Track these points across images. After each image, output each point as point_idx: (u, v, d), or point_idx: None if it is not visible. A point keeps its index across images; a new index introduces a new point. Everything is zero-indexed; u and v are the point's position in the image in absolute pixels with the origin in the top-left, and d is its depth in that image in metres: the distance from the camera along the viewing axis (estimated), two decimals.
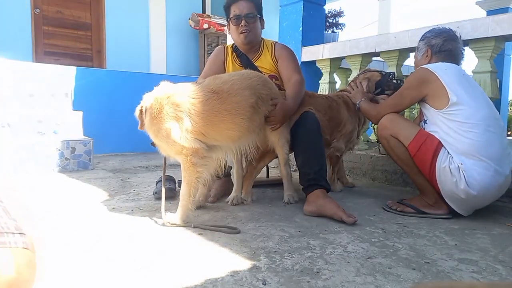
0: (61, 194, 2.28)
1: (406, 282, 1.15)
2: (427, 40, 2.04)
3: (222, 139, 1.77)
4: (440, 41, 1.98)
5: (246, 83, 1.82)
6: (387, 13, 7.72)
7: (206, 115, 1.68)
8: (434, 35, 2.02)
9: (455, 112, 1.79)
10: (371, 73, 2.46)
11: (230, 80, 1.81)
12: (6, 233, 0.79)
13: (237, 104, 1.75)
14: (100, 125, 4.15)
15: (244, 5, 2.19)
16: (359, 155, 3.00)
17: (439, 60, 1.98)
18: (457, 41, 2.00)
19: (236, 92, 1.76)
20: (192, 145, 1.67)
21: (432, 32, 2.04)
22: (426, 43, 2.04)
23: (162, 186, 1.79)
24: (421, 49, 2.07)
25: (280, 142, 2.00)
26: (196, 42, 6.77)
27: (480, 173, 1.72)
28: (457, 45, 2.00)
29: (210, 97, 1.71)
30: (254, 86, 1.84)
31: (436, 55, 2.00)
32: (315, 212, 1.85)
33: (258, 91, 1.85)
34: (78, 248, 1.38)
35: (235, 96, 1.75)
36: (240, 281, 1.13)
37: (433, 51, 2.00)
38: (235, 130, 1.76)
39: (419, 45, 2.10)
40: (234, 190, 2.13)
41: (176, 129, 1.63)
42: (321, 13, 3.63)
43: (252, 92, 1.81)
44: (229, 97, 1.74)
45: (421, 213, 1.89)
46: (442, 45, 1.98)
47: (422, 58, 2.06)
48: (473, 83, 1.89)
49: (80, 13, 5.82)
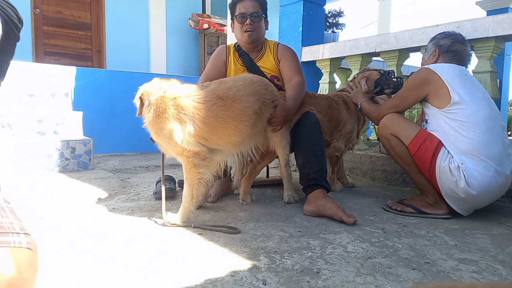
0: (61, 194, 2.28)
1: (406, 282, 1.15)
2: (436, 40, 2.07)
3: (224, 144, 1.75)
4: (449, 42, 2.01)
5: (250, 89, 1.80)
6: (387, 13, 7.72)
7: (210, 120, 1.66)
8: (444, 36, 2.05)
9: (456, 111, 1.79)
10: (370, 72, 2.46)
11: (235, 86, 1.79)
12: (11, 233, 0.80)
13: (241, 111, 1.73)
14: (100, 125, 4.15)
15: (250, 4, 2.20)
16: (359, 155, 3.00)
17: (445, 61, 2.00)
18: (465, 44, 2.03)
19: (241, 99, 1.74)
20: (194, 148, 1.66)
21: (442, 33, 2.08)
22: (435, 43, 2.07)
23: (162, 185, 1.79)
24: (429, 49, 2.10)
25: (281, 143, 2.00)
26: (196, 42, 6.77)
27: (480, 173, 1.72)
28: (465, 48, 2.02)
29: (215, 102, 1.69)
30: (258, 92, 1.83)
31: (443, 55, 2.02)
32: (315, 212, 1.85)
33: (262, 97, 1.84)
34: (78, 248, 1.38)
35: (239, 103, 1.73)
36: (240, 281, 1.13)
37: (441, 51, 2.03)
38: (238, 136, 1.75)
39: (428, 46, 2.13)
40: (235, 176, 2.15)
41: (178, 132, 1.62)
42: (321, 13, 3.63)
43: (256, 98, 1.80)
44: (234, 104, 1.72)
45: (421, 213, 1.89)
46: (450, 46, 2.00)
47: (429, 58, 2.08)
48: (475, 83, 1.89)
49: (80, 13, 5.83)
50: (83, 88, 4.10)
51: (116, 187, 2.48)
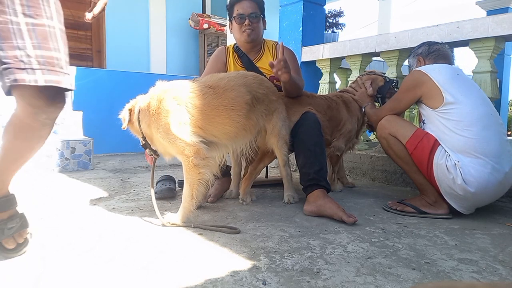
0: (61, 194, 2.28)
1: (406, 282, 1.15)
2: (413, 52, 2.19)
3: (219, 134, 1.77)
4: (426, 46, 2.14)
5: (242, 81, 1.86)
6: (387, 13, 7.73)
7: (203, 108, 1.70)
8: (418, 46, 2.19)
9: (450, 111, 1.81)
10: (375, 76, 2.48)
11: (226, 77, 1.86)
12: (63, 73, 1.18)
13: (232, 100, 1.77)
14: (100, 125, 4.15)
15: (248, 4, 2.21)
16: (359, 155, 3.00)
17: (432, 62, 2.06)
18: (442, 44, 2.13)
19: (232, 88, 1.79)
20: (193, 139, 1.66)
21: (416, 46, 2.21)
22: (414, 54, 2.17)
23: (151, 188, 1.79)
24: (412, 63, 2.18)
25: (278, 144, 2.00)
26: (196, 42, 6.77)
27: (477, 170, 1.73)
28: (443, 47, 2.11)
29: (207, 91, 1.74)
30: (250, 84, 1.87)
31: (427, 58, 2.10)
32: (315, 212, 1.85)
33: (254, 89, 1.87)
34: (78, 248, 1.38)
35: (231, 91, 1.78)
36: (240, 281, 1.13)
37: (423, 56, 2.12)
38: (231, 125, 1.78)
39: (409, 61, 2.22)
40: (231, 186, 2.25)
41: (175, 122, 1.64)
42: (321, 13, 3.63)
43: (247, 90, 1.84)
44: (225, 93, 1.77)
45: (421, 213, 1.89)
46: (429, 48, 2.11)
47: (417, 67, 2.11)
48: (468, 82, 1.91)
49: (80, 13, 5.81)
50: (83, 88, 4.10)
51: (116, 187, 2.48)
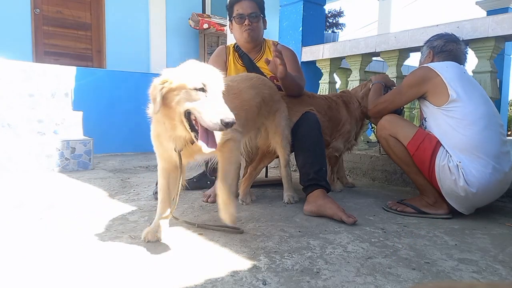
0: (61, 194, 2.28)
1: (406, 282, 1.15)
2: (430, 42, 2.13)
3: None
4: (442, 42, 2.06)
5: (248, 83, 1.83)
6: (387, 13, 7.72)
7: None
8: (437, 37, 2.10)
9: (454, 108, 1.81)
10: (389, 79, 2.48)
11: (235, 79, 1.83)
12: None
13: (247, 102, 1.75)
14: (100, 125, 4.14)
15: (248, 4, 2.21)
16: (359, 155, 3.00)
17: (440, 60, 2.03)
18: (459, 43, 2.06)
19: (244, 91, 1.77)
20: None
21: (435, 35, 2.14)
22: (429, 45, 2.12)
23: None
24: (424, 52, 2.15)
25: (282, 143, 2.00)
26: (196, 42, 6.77)
27: (479, 171, 1.73)
28: (458, 47, 2.05)
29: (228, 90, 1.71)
30: (257, 86, 1.86)
31: (438, 55, 2.06)
32: (315, 212, 1.85)
33: (261, 91, 1.87)
34: (78, 248, 1.38)
35: (244, 93, 1.76)
36: (240, 281, 1.13)
37: (434, 52, 2.07)
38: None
39: (423, 49, 2.19)
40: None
41: None
42: (321, 13, 3.63)
43: (256, 92, 1.82)
44: (240, 94, 1.74)
45: (421, 213, 1.89)
46: (443, 46, 2.05)
47: (425, 60, 2.13)
48: (473, 82, 1.91)
49: (80, 13, 5.82)
50: (83, 88, 4.10)
51: (116, 187, 2.48)
